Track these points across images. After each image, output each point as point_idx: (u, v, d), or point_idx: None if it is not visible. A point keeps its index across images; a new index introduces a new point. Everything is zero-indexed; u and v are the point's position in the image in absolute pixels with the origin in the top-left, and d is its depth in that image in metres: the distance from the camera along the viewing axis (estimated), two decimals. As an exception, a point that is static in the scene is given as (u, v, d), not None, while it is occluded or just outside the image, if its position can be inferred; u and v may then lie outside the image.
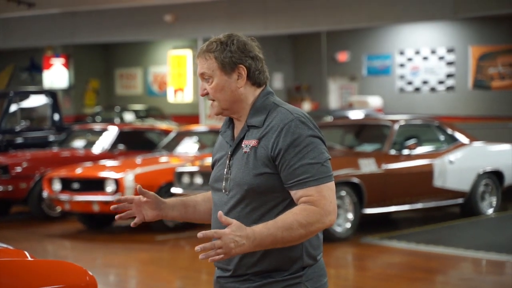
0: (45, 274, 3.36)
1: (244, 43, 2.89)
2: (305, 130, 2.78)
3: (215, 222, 2.91)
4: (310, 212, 2.71)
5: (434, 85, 21.19)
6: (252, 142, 2.83)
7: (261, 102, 2.88)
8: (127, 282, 8.46)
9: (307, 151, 2.76)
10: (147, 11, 19.22)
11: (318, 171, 2.75)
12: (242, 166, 2.83)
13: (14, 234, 10.71)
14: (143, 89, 26.78)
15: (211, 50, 2.88)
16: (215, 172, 2.95)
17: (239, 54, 2.86)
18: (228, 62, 2.85)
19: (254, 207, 2.81)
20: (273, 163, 2.79)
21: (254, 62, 2.89)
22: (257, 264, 2.81)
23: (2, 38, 22.47)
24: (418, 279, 7.84)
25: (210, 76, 2.87)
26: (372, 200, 9.79)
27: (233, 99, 2.88)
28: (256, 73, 2.89)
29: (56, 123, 14.23)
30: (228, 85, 2.87)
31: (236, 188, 2.83)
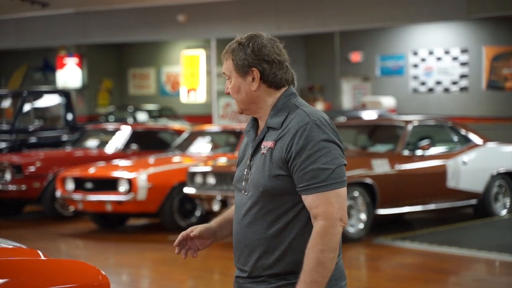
0: (58, 273, 3.37)
1: (261, 46, 2.87)
2: (319, 134, 2.76)
3: (236, 223, 2.91)
4: (322, 233, 2.70)
5: (447, 85, 21.12)
6: (269, 143, 2.83)
7: (282, 103, 2.88)
8: (139, 282, 8.47)
9: (319, 155, 2.74)
10: (160, 11, 19.24)
11: (328, 176, 2.73)
12: (259, 167, 2.83)
13: (28, 234, 10.74)
14: (156, 89, 26.82)
15: (229, 50, 2.90)
16: (238, 171, 2.97)
17: (252, 58, 2.85)
18: (242, 65, 2.86)
19: (269, 209, 2.81)
20: (286, 166, 2.78)
21: (270, 66, 2.86)
22: (273, 266, 2.81)
23: (15, 38, 22.56)
24: (431, 280, 7.82)
25: (230, 77, 2.91)
26: (385, 200, 9.77)
27: (248, 100, 2.89)
28: (271, 77, 2.87)
29: (69, 122, 14.27)
30: (243, 87, 2.88)
31: (253, 189, 2.84)
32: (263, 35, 2.90)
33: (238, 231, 2.89)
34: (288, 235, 2.79)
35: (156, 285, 8.18)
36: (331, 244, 2.70)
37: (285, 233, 2.80)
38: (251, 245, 2.84)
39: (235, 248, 2.93)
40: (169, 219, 10.51)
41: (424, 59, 21.52)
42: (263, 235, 2.81)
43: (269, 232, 2.81)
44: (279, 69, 2.88)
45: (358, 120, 14.81)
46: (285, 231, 2.80)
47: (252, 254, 2.84)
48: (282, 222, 2.79)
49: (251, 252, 2.84)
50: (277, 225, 2.80)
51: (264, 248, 2.81)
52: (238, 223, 2.89)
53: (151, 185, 10.31)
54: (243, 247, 2.87)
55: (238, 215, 2.90)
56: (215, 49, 18.73)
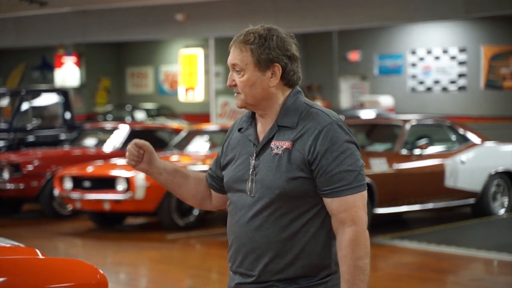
0: (56, 272, 3.36)
1: (283, 40, 2.73)
2: (343, 135, 2.67)
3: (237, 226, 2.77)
4: (358, 239, 2.64)
5: (446, 85, 21.12)
6: (285, 143, 2.68)
7: (292, 101, 2.74)
8: (137, 281, 8.47)
9: (344, 157, 2.65)
10: (159, 10, 19.23)
11: (355, 179, 2.65)
12: (272, 168, 2.68)
13: (25, 232, 10.74)
14: (154, 88, 26.82)
15: (248, 41, 2.71)
16: (234, 171, 2.79)
17: (277, 52, 2.70)
18: (264, 59, 2.70)
19: (284, 212, 2.68)
20: (308, 168, 2.66)
21: (291, 61, 2.73)
22: (284, 271, 2.70)
23: (14, 37, 22.53)
24: (429, 279, 7.82)
25: (242, 69, 2.72)
26: (383, 200, 9.76)
27: (262, 97, 2.73)
28: (290, 74, 2.74)
29: (67, 121, 14.26)
30: (260, 82, 2.71)
31: (264, 191, 2.69)
32: (278, 28, 2.76)
33: (242, 235, 2.74)
34: (301, 239, 2.69)
35: (154, 284, 8.17)
36: (366, 250, 2.65)
37: (298, 237, 2.69)
38: (260, 249, 2.71)
39: (236, 252, 2.78)
40: (167, 218, 10.50)
41: (422, 58, 21.53)
42: (275, 238, 2.69)
43: (282, 235, 2.68)
44: (296, 66, 2.76)
45: (356, 119, 14.80)
46: (299, 234, 2.69)
47: (261, 258, 2.71)
48: (296, 225, 2.68)
49: (260, 256, 2.71)
50: (291, 229, 2.68)
51: (275, 252, 2.69)
52: (241, 226, 2.74)
53: (149, 184, 10.31)
54: (249, 251, 2.72)
55: (240, 218, 2.75)
56: (214, 48, 18.72)
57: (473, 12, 15.65)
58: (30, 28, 21.97)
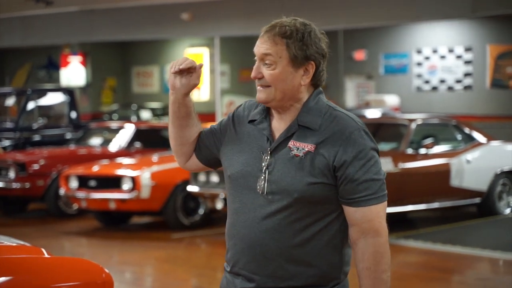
0: (61, 271, 3.37)
1: (319, 37, 2.59)
2: (369, 142, 2.55)
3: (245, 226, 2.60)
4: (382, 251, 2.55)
5: (451, 84, 21.09)
6: (308, 146, 2.54)
7: (314, 102, 2.60)
8: (143, 280, 8.47)
9: (370, 165, 2.54)
10: (164, 9, 19.24)
11: (379, 188, 2.57)
12: (292, 170, 2.53)
13: (31, 231, 10.75)
14: (159, 87, 26.83)
15: (284, 35, 2.54)
16: (243, 165, 2.62)
17: (314, 49, 2.55)
18: (301, 56, 2.54)
19: (299, 216, 2.55)
20: (332, 174, 2.53)
21: (323, 60, 2.60)
22: (293, 278, 2.57)
23: (20, 36, 22.57)
24: (435, 279, 7.81)
25: (274, 62, 2.54)
26: (388, 199, 9.65)
27: (290, 94, 2.57)
28: (321, 73, 2.61)
29: (73, 120, 14.28)
30: (291, 79, 2.56)
31: (281, 193, 2.54)
32: (311, 23, 2.60)
33: (250, 236, 2.58)
34: (314, 247, 2.56)
35: (159, 283, 8.18)
36: (389, 262, 2.56)
37: (311, 244, 2.55)
38: (269, 253, 2.56)
39: (241, 253, 2.62)
40: (172, 217, 10.51)
41: (428, 57, 21.50)
42: (286, 243, 2.54)
43: (294, 241, 2.54)
44: (325, 66, 2.63)
45: (362, 118, 14.79)
46: (312, 241, 2.55)
47: (270, 263, 2.56)
48: (310, 232, 2.55)
49: (269, 260, 2.56)
50: (304, 235, 2.55)
51: (286, 258, 2.55)
52: (249, 226, 2.58)
53: (155, 183, 10.31)
54: (257, 254, 2.57)
55: (248, 217, 2.59)
56: (219, 47, 18.72)
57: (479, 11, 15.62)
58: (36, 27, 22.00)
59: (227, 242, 2.68)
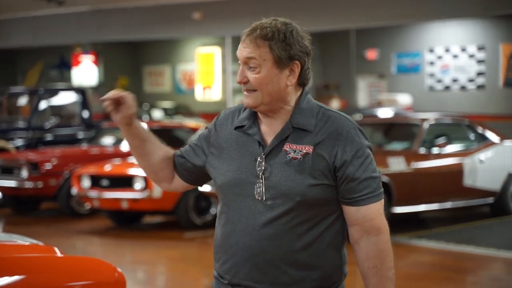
0: (74, 270, 3.36)
1: (302, 36, 2.55)
2: (364, 140, 2.55)
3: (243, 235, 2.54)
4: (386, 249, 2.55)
5: (464, 83, 21.02)
6: (305, 148, 2.50)
7: (305, 103, 2.56)
8: (155, 279, 8.48)
9: (368, 163, 2.53)
10: (176, 8, 19.26)
11: (378, 185, 2.55)
12: (291, 174, 2.49)
13: (44, 230, 10.78)
14: (171, 87, 26.87)
15: (266, 37, 2.49)
16: (235, 173, 2.55)
17: (297, 49, 2.51)
18: (285, 56, 2.49)
19: (301, 220, 2.51)
20: (333, 174, 2.51)
21: (308, 58, 2.56)
22: (298, 283, 2.53)
23: (32, 36, 22.64)
24: (448, 279, 7.77)
25: (258, 65, 2.50)
26: (401, 199, 9.72)
27: (277, 96, 2.52)
28: (307, 72, 2.57)
29: (85, 120, 14.31)
30: (277, 80, 2.51)
31: (281, 197, 2.49)
32: (292, 22, 2.56)
33: (251, 244, 2.52)
34: (316, 249, 2.53)
35: (172, 282, 8.18)
36: (393, 259, 2.58)
37: (313, 247, 2.52)
38: (273, 260, 2.51)
39: (241, 263, 2.55)
40: (184, 217, 10.51)
41: (440, 56, 21.43)
42: (290, 249, 2.50)
43: (297, 245, 2.51)
44: (311, 64, 2.59)
45: (374, 118, 14.74)
46: (314, 244, 2.52)
47: (273, 270, 2.52)
48: (312, 235, 2.52)
49: (272, 267, 2.51)
50: (306, 238, 2.51)
51: (288, 263, 2.51)
52: (249, 235, 2.52)
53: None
54: (260, 262, 2.52)
55: (248, 225, 2.53)
56: (230, 47, 18.73)
57: (492, 10, 15.56)
58: (48, 27, 22.07)
59: (222, 253, 2.60)
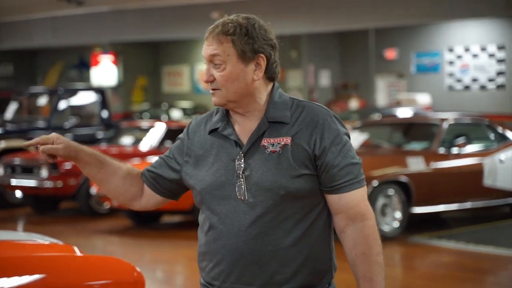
0: (93, 269, 3.38)
1: (265, 29, 2.50)
2: (341, 127, 2.51)
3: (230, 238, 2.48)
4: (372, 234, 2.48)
5: (484, 83, 20.90)
6: (283, 139, 2.46)
7: (278, 96, 2.52)
8: (174, 278, 8.49)
9: (347, 150, 2.48)
10: (194, 8, 19.29)
11: (359, 172, 2.49)
12: (272, 168, 2.44)
13: (63, 230, 10.83)
14: (190, 87, 26.92)
15: (228, 32, 2.46)
16: (214, 176, 2.50)
17: (261, 42, 2.47)
18: (249, 50, 2.45)
19: (287, 215, 2.46)
20: (314, 163, 2.46)
21: (273, 51, 2.50)
22: (290, 280, 2.48)
23: (52, 36, 22.76)
24: (467, 280, 7.73)
25: (223, 62, 2.46)
26: (420, 199, 9.68)
27: (245, 92, 2.48)
28: (274, 65, 2.51)
29: (104, 120, 14.36)
30: (244, 76, 2.47)
31: (264, 193, 2.44)
32: (255, 16, 2.53)
33: (238, 246, 2.47)
34: (306, 244, 2.47)
35: (190, 281, 8.19)
36: (380, 244, 2.50)
37: (303, 242, 2.47)
38: (262, 260, 2.46)
39: (230, 267, 2.49)
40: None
41: (460, 56, 21.32)
42: (279, 245, 2.45)
43: (286, 241, 2.45)
44: (277, 57, 2.54)
45: (393, 117, 14.69)
46: (303, 239, 2.47)
47: (264, 269, 2.46)
48: (300, 229, 2.46)
49: (263, 267, 2.46)
50: (295, 233, 2.46)
51: (279, 261, 2.45)
52: (235, 237, 2.46)
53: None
54: (249, 263, 2.46)
55: (233, 227, 2.47)
56: (249, 47, 18.74)
57: (512, 9, 15.46)
58: (68, 27, 22.17)
59: (209, 260, 2.55)
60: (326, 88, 23.60)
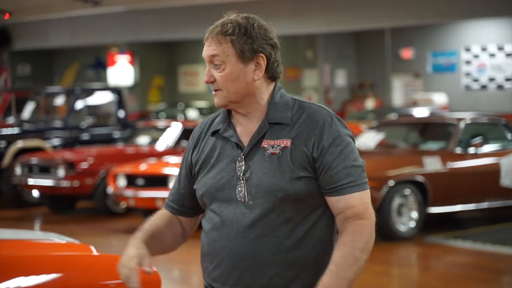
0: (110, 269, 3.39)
1: (265, 28, 2.49)
2: (343, 129, 2.46)
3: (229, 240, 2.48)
4: (363, 231, 2.40)
5: (501, 82, 20.79)
6: (283, 142, 2.43)
7: (279, 97, 2.50)
8: (190, 278, 8.51)
9: (348, 152, 2.43)
10: (210, 8, 19.31)
11: (360, 175, 2.43)
12: (271, 169, 2.42)
13: (80, 229, 10.87)
14: (206, 86, 26.93)
15: (227, 33, 2.47)
16: (215, 179, 2.49)
17: (260, 41, 2.45)
18: (248, 50, 2.44)
19: (287, 218, 2.43)
20: (313, 165, 2.43)
21: (274, 51, 2.49)
22: (291, 283, 2.44)
23: (68, 36, 22.86)
24: (484, 280, 7.70)
25: (223, 62, 2.46)
26: (436, 199, 9.65)
27: (246, 92, 2.46)
28: (275, 65, 2.49)
29: (121, 119, 14.41)
30: (243, 76, 2.45)
31: (263, 195, 2.42)
32: (255, 16, 2.53)
33: (238, 248, 2.45)
34: (307, 246, 2.44)
35: (206, 281, 8.20)
36: (369, 245, 2.40)
37: (304, 244, 2.43)
38: (263, 262, 2.43)
39: (230, 269, 2.48)
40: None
41: (477, 55, 21.22)
42: (279, 248, 2.42)
43: (287, 243, 2.42)
44: (279, 57, 2.52)
45: (409, 117, 14.65)
46: (304, 241, 2.44)
47: (263, 272, 2.43)
48: (300, 231, 2.43)
49: (263, 270, 2.43)
50: (295, 235, 2.43)
51: (280, 263, 2.42)
52: (235, 239, 2.45)
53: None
54: (249, 266, 2.44)
55: (232, 229, 2.45)
56: (265, 46, 18.74)
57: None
58: (84, 27, 22.26)
59: (210, 261, 2.55)
60: (342, 88, 23.56)
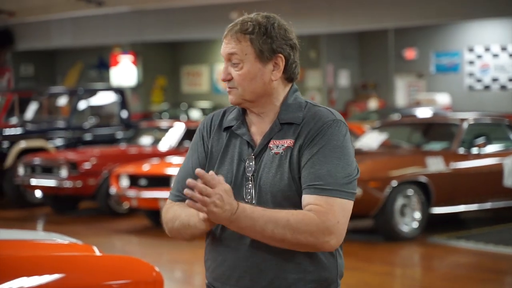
0: (112, 269, 3.39)
1: (285, 28, 2.46)
2: (342, 136, 2.40)
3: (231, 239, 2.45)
4: (307, 220, 2.29)
5: (504, 82, 20.77)
6: (287, 142, 2.42)
7: (293, 99, 2.48)
8: (193, 278, 8.51)
9: (337, 157, 2.36)
10: (213, 9, 19.32)
11: (338, 182, 2.33)
12: (273, 169, 2.40)
13: (83, 230, 10.88)
14: (209, 87, 26.95)
15: (246, 31, 2.43)
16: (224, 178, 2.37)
17: (280, 41, 2.43)
18: (267, 49, 2.41)
19: None
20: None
21: (293, 52, 2.46)
22: (291, 287, 2.40)
23: (71, 37, 22.88)
24: (487, 280, 7.69)
25: (241, 61, 2.42)
26: (439, 199, 9.65)
27: (262, 92, 2.44)
28: (293, 66, 2.46)
29: (124, 120, 14.41)
30: (261, 75, 2.43)
31: (265, 196, 2.40)
32: (276, 15, 2.50)
33: (238, 248, 2.44)
34: None
35: (209, 282, 8.20)
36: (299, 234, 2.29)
37: None
38: (264, 264, 2.41)
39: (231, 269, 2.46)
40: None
41: (480, 56, 21.21)
42: (279, 249, 2.37)
43: None
44: (298, 58, 2.49)
45: (413, 117, 14.64)
46: None
47: (264, 274, 2.41)
48: None
49: (263, 271, 2.41)
50: None
51: (280, 266, 2.40)
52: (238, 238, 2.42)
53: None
54: (249, 267, 2.42)
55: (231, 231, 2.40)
56: (268, 47, 18.74)
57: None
58: (87, 27, 22.27)
59: (212, 260, 2.52)
60: (345, 88, 23.55)
